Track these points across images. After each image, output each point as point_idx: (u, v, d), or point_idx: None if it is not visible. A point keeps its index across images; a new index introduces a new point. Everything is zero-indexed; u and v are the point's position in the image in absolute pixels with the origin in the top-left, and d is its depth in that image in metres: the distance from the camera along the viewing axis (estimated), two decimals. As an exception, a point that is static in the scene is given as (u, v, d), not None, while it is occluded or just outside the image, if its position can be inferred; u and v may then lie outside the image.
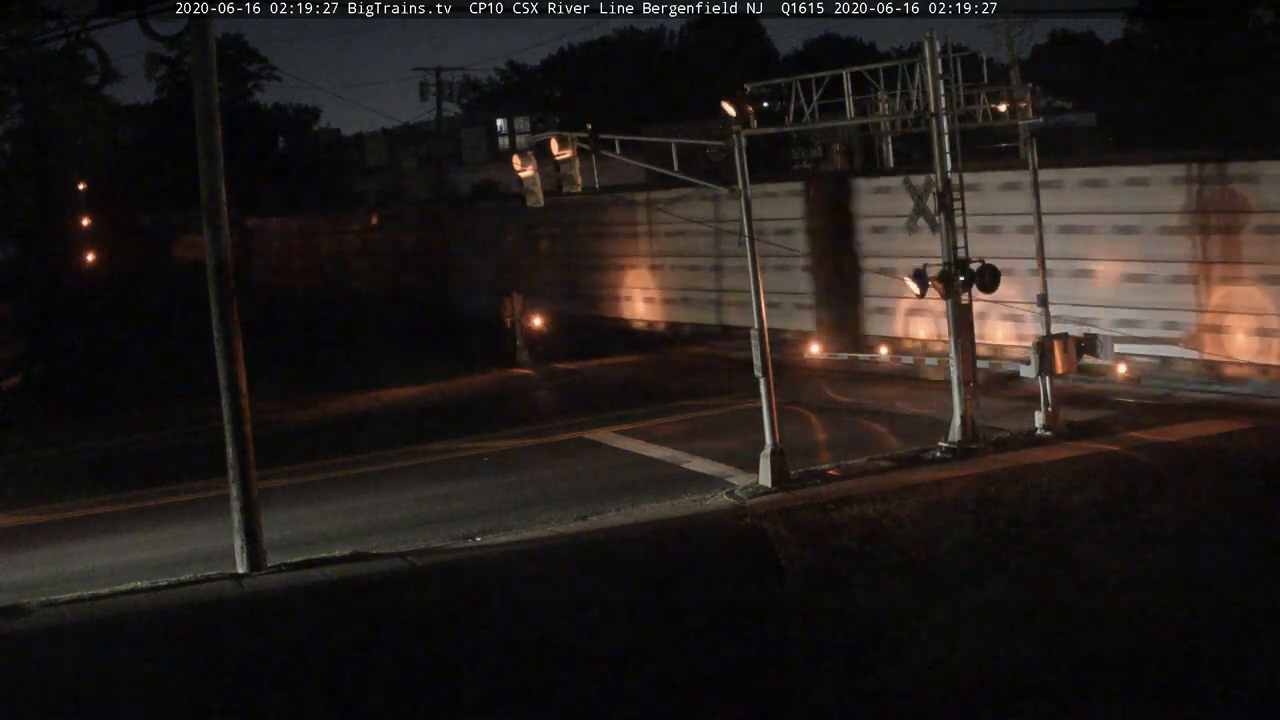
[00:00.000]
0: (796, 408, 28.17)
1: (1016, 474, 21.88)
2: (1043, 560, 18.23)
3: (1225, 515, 19.49)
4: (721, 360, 35.65)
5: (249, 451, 19.57)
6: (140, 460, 29.13)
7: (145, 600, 18.19)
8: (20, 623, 17.45)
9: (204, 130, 19.39)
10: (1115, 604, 16.71)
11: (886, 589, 17.69)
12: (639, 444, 26.78)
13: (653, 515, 21.23)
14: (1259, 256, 26.35)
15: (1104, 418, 25.38)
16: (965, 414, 23.69)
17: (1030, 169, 25.53)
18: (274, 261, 70.50)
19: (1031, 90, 27.02)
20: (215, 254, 19.46)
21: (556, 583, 18.41)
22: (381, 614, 17.61)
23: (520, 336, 39.35)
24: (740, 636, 16.53)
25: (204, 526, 22.11)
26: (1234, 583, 17.07)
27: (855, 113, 25.57)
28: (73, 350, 47.27)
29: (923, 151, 25.12)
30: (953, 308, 23.81)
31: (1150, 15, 61.13)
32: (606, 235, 44.13)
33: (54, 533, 23.01)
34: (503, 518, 21.69)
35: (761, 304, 22.63)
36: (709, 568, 18.98)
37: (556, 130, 25.55)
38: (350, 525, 21.88)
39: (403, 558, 19.54)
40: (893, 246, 31.99)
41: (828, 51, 77.52)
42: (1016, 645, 15.73)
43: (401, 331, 48.05)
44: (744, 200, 22.90)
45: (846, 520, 20.12)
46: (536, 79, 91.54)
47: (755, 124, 23.67)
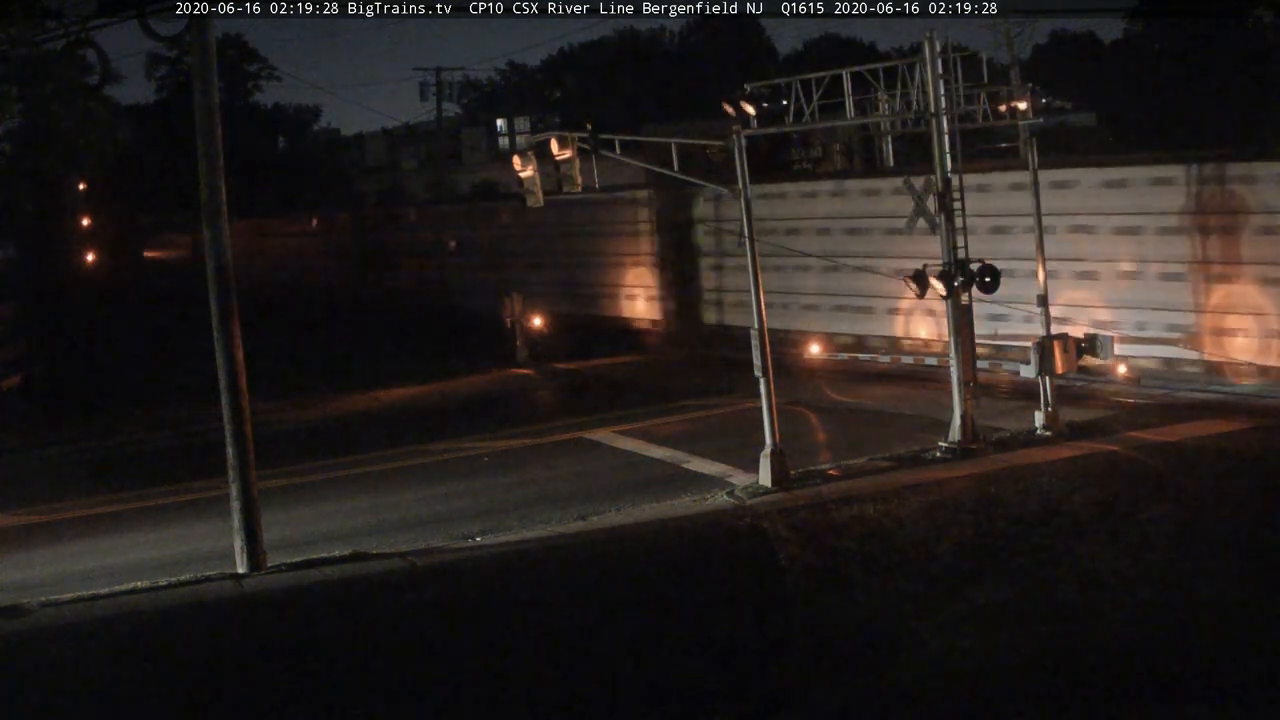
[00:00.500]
0: (796, 408, 28.17)
1: (1016, 474, 21.89)
2: (1043, 560, 18.23)
3: (1225, 515, 19.49)
4: (722, 360, 35.69)
5: (249, 451, 19.56)
6: (140, 460, 29.12)
7: (145, 600, 18.18)
8: (20, 623, 17.43)
9: (204, 130, 19.38)
10: (1115, 604, 16.71)
11: (887, 589, 17.68)
12: (639, 444, 26.78)
13: (653, 515, 21.23)
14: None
15: (1104, 418, 25.38)
16: (965, 414, 23.69)
17: (1030, 169, 25.55)
18: (273, 261, 70.49)
19: (1031, 90, 27.00)
20: (215, 254, 19.45)
21: (556, 583, 18.40)
22: (381, 614, 17.60)
23: (520, 336, 39.36)
24: (740, 636, 16.53)
25: (204, 526, 22.11)
26: (1234, 583, 17.07)
27: (855, 113, 25.57)
28: (73, 350, 47.25)
29: (923, 151, 25.09)
30: (953, 308, 23.81)
31: (1150, 15, 61.06)
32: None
33: (54, 533, 23.00)
34: (503, 518, 21.68)
35: (762, 304, 22.63)
36: (709, 568, 18.98)
37: (556, 130, 25.49)
38: (350, 525, 21.88)
39: (403, 558, 19.54)
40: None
41: (828, 51, 77.48)
42: (1017, 645, 15.73)
43: (401, 331, 48.05)
44: (744, 201, 22.89)
45: (846, 520, 20.11)
46: (536, 79, 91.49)
47: (755, 124, 23.67)
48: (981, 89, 25.99)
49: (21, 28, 27.07)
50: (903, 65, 24.51)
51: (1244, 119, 46.29)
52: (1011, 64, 43.83)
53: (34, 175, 49.86)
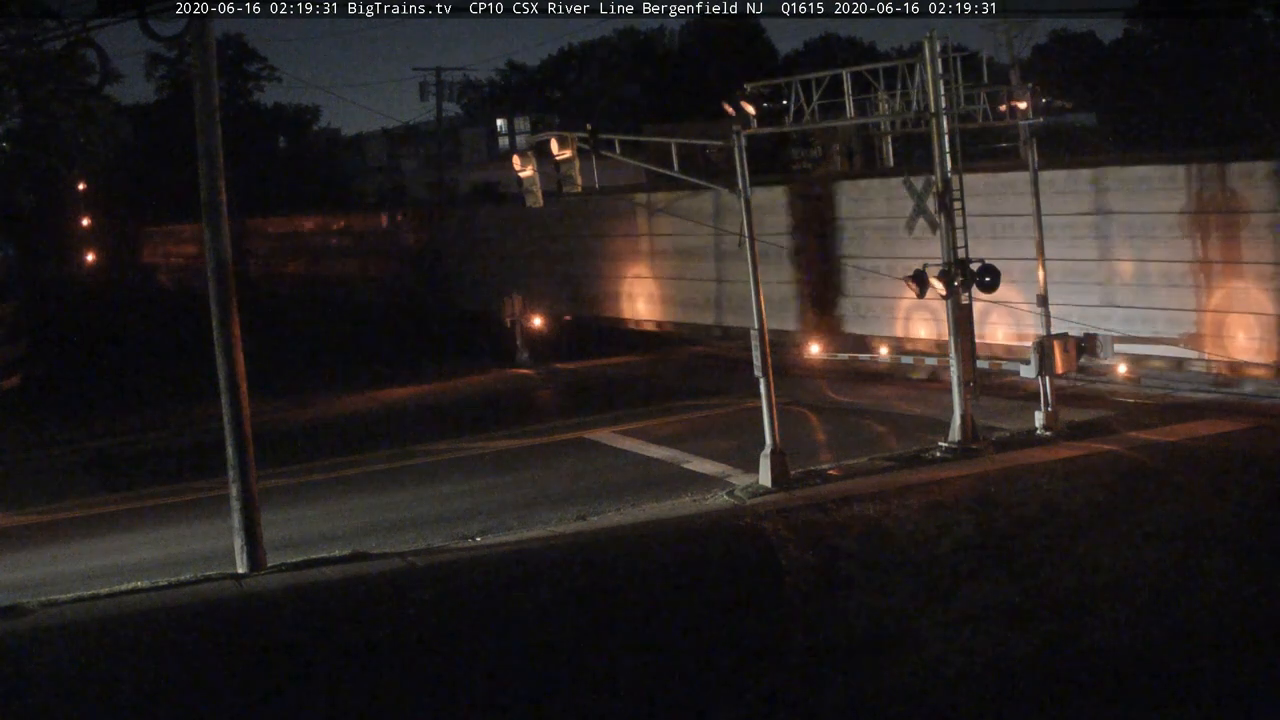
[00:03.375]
0: (796, 408, 28.17)
1: (1016, 474, 21.87)
2: (1043, 560, 18.22)
3: (1225, 515, 19.48)
4: (721, 360, 35.69)
5: (249, 451, 19.57)
6: (140, 460, 29.12)
7: (145, 600, 18.18)
8: (20, 623, 17.44)
9: (204, 130, 19.39)
10: (1115, 603, 16.71)
11: (886, 589, 17.68)
12: (639, 444, 26.77)
13: (652, 515, 21.22)
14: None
15: (1104, 417, 25.37)
16: (965, 414, 23.69)
17: (1030, 168, 25.51)
18: (272, 261, 70.45)
19: (1031, 90, 26.97)
20: (215, 254, 19.46)
21: (556, 583, 18.39)
22: (381, 614, 17.60)
23: (520, 336, 39.36)
24: (740, 636, 16.53)
25: (204, 526, 22.11)
26: (1234, 583, 17.08)
27: (855, 113, 25.56)
28: (73, 350, 47.28)
29: (923, 151, 25.09)
30: (953, 308, 23.80)
31: (1150, 15, 61.08)
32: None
33: (54, 533, 23.01)
34: (503, 518, 21.68)
35: (761, 304, 22.64)
36: (709, 568, 18.96)
37: (556, 130, 25.50)
38: (350, 525, 21.88)
39: (402, 558, 19.54)
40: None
41: (828, 51, 77.58)
42: (1017, 645, 15.74)
43: (402, 331, 48.04)
44: (744, 201, 22.90)
45: (846, 520, 20.10)
46: (536, 79, 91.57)
47: (755, 124, 23.67)
48: (981, 89, 25.99)
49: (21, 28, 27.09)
50: (903, 65, 24.50)
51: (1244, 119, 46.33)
52: (1011, 64, 43.77)
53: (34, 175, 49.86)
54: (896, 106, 24.89)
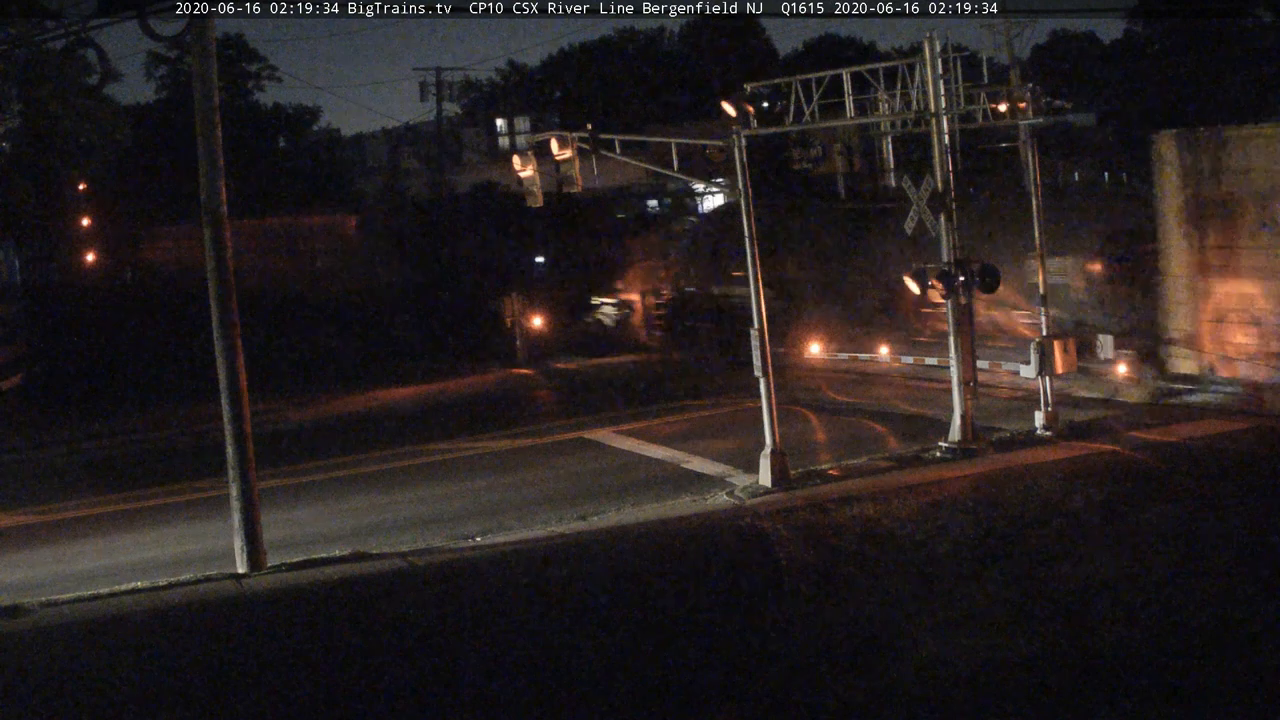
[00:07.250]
0: (796, 408, 28.18)
1: (1016, 474, 21.87)
2: (1043, 560, 18.23)
3: (1225, 515, 19.49)
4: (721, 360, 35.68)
5: (249, 451, 19.55)
6: (140, 460, 29.13)
7: (145, 600, 18.17)
8: (20, 623, 17.43)
9: (204, 130, 19.39)
10: (1115, 604, 16.72)
11: (886, 589, 17.69)
12: (639, 444, 26.78)
13: (652, 515, 21.22)
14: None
15: (1104, 417, 25.37)
16: (965, 414, 23.68)
17: (1030, 168, 25.48)
18: (272, 261, 70.35)
19: (1031, 90, 26.96)
20: (215, 254, 19.45)
21: (556, 583, 18.39)
22: (381, 614, 17.60)
23: (520, 336, 39.35)
24: (740, 636, 16.53)
25: (204, 526, 22.11)
26: (1234, 583, 17.08)
27: (855, 113, 25.56)
28: (73, 350, 47.26)
29: (923, 151, 25.08)
30: (953, 308, 23.80)
31: (1150, 15, 61.13)
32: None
33: (54, 533, 23.01)
34: (503, 518, 21.68)
35: (761, 304, 22.63)
36: (708, 568, 18.97)
37: (556, 130, 25.51)
38: (350, 525, 21.88)
39: (403, 558, 19.54)
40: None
41: (828, 51, 77.46)
42: (1016, 645, 15.74)
43: (402, 330, 48.02)
44: (744, 200, 22.91)
45: (846, 520, 20.11)
46: (536, 79, 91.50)
47: (755, 124, 23.67)
48: (981, 89, 25.97)
49: (21, 28, 27.10)
50: (903, 65, 24.50)
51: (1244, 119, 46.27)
52: (1011, 64, 43.76)
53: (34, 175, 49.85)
54: (896, 106, 24.90)
